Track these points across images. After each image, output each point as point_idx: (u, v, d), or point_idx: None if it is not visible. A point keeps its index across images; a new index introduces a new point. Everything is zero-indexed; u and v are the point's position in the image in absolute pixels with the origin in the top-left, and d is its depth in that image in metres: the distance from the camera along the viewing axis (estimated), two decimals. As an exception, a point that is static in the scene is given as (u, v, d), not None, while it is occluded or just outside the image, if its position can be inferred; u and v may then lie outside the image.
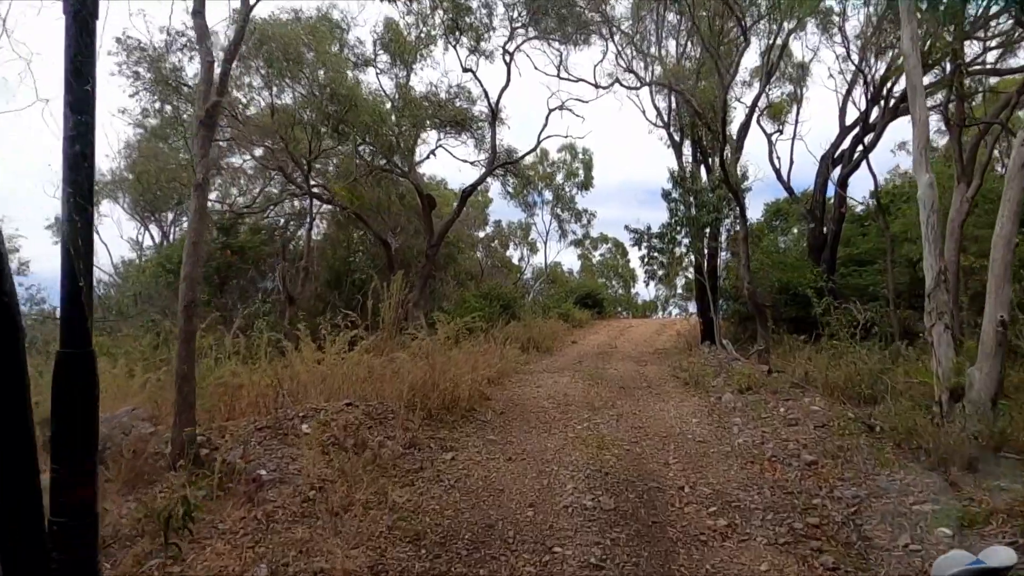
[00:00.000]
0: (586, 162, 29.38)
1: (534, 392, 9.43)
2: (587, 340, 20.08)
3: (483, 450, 6.38)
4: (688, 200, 13.93)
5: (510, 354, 12.33)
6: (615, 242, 42.36)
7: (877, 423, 6.38)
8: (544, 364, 14.02)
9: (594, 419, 7.78)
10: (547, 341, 17.74)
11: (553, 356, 16.00)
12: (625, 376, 11.43)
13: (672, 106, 16.13)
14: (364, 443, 6.01)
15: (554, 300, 25.26)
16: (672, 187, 14.58)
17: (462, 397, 7.40)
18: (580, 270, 41.12)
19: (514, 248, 35.03)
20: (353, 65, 13.20)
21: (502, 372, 10.26)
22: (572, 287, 28.10)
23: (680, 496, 5.26)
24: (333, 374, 7.28)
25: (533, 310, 23.03)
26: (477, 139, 16.83)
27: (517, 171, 17.93)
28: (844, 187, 14.40)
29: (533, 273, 35.13)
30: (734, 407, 8.19)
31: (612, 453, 6.35)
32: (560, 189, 30.03)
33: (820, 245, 14.57)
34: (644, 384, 10.63)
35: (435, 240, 14.78)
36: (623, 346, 18.01)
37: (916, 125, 7.06)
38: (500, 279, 28.61)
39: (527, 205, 30.30)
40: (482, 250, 32.80)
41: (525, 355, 15.46)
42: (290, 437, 5.95)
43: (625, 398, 9.26)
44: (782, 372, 9.97)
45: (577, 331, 22.42)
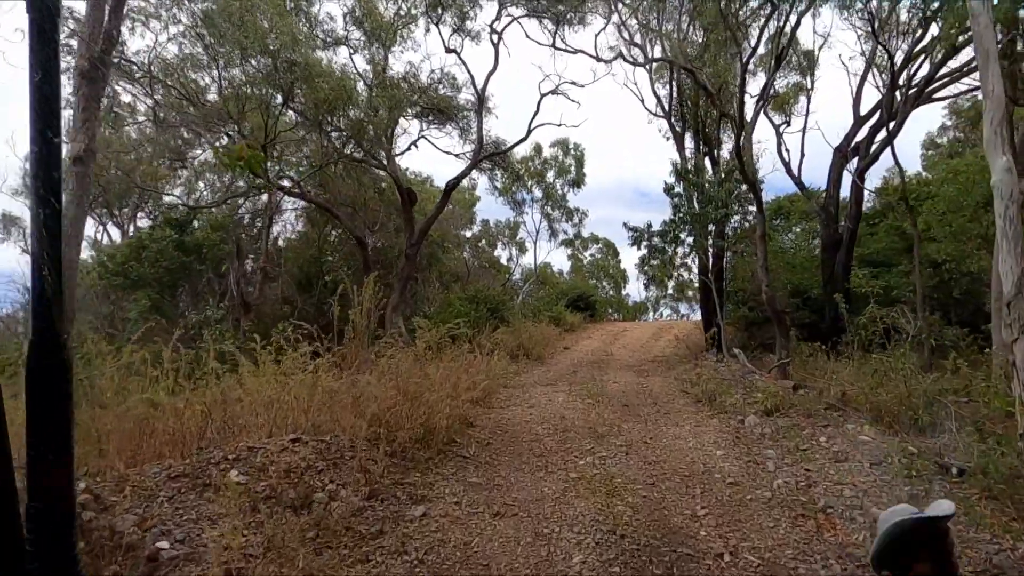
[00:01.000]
0: (578, 158, 28.14)
1: (526, 414, 8.12)
2: (580, 346, 18.82)
3: (464, 499, 5.06)
4: (692, 195, 12.70)
5: (498, 366, 11.03)
6: (606, 242, 41.30)
7: (953, 464, 5.14)
8: (536, 375, 12.72)
9: (599, 451, 6.49)
10: (538, 348, 16.47)
11: (545, 365, 14.71)
12: (628, 391, 10.15)
13: (674, 93, 14.91)
14: (309, 496, 4.68)
15: (544, 303, 23.97)
16: (675, 181, 13.36)
17: (439, 427, 6.06)
18: (570, 271, 39.94)
19: (502, 248, 33.77)
20: (323, 44, 11.83)
21: (488, 390, 8.93)
22: (563, 289, 26.83)
23: (720, 570, 3.99)
24: (281, 400, 5.93)
25: (523, 313, 21.76)
26: (463, 129, 15.53)
27: (506, 165, 16.65)
28: (861, 182, 13.24)
29: (522, 274, 33.87)
30: (762, 433, 6.93)
31: (626, 502, 5.06)
32: (550, 187, 28.76)
33: (835, 244, 13.40)
34: (650, 401, 9.36)
35: (416, 238, 13.46)
36: (619, 353, 16.76)
37: (989, 98, 5.85)
38: (487, 280, 27.30)
39: (516, 203, 29.02)
40: (469, 250, 31.54)
41: (515, 365, 14.19)
42: (214, 488, 4.61)
43: (632, 421, 7.98)
44: (809, 388, 8.76)
45: (569, 336, 21.14)
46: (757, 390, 8.79)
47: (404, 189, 13.61)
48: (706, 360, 12.80)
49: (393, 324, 13.21)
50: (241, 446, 5.13)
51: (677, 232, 13.11)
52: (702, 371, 11.51)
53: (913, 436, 6.07)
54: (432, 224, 14.11)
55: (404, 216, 13.66)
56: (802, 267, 14.99)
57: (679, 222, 12.78)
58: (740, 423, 7.50)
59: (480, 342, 13.81)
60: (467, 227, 31.59)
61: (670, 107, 15.18)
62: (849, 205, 13.47)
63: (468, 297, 18.34)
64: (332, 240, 17.38)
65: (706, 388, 9.52)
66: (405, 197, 13.47)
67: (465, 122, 15.46)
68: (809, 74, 15.10)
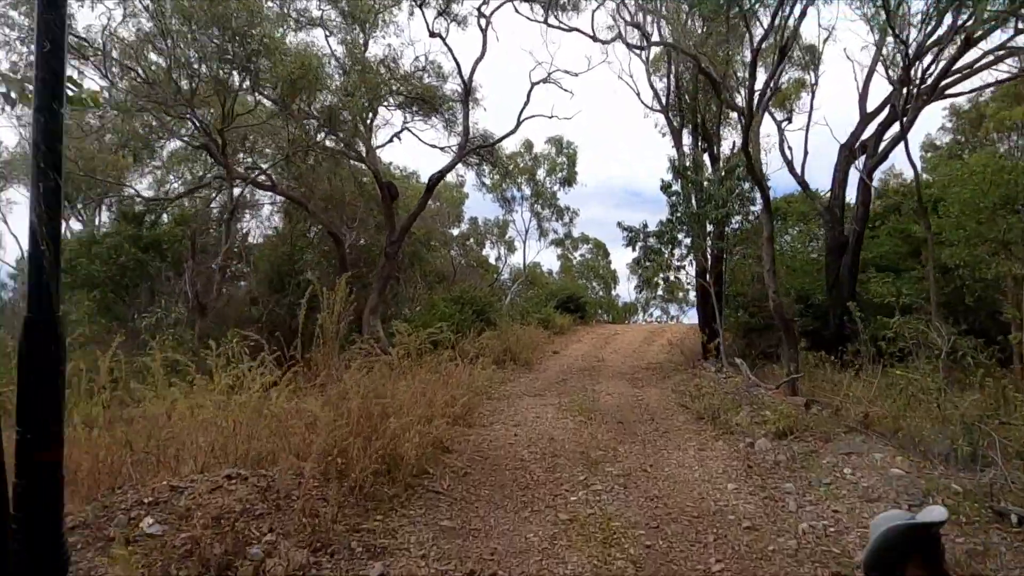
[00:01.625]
0: (570, 156, 27.27)
1: (511, 434, 7.26)
2: (570, 350, 18.02)
3: (432, 551, 4.20)
4: (691, 193, 11.91)
5: (482, 376, 10.18)
6: (596, 242, 40.56)
7: (1012, 510, 4.36)
8: (523, 384, 11.89)
9: (593, 483, 5.65)
10: (526, 353, 15.65)
11: (533, 372, 13.89)
12: (623, 405, 9.34)
13: (672, 86, 14.13)
14: (241, 551, 3.81)
15: (533, 304, 23.14)
16: (672, 179, 12.57)
17: (408, 456, 5.19)
18: (560, 271, 39.15)
19: (491, 247, 32.88)
20: (296, 25, 10.88)
21: (470, 406, 8.07)
22: (552, 290, 26.00)
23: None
24: (220, 424, 5.05)
25: (510, 315, 20.94)
26: (448, 121, 14.65)
27: (494, 159, 15.80)
28: (869, 181, 12.51)
29: (511, 274, 33.03)
30: (776, 461, 6.13)
31: (626, 554, 4.23)
32: (541, 185, 27.89)
33: (840, 247, 12.65)
34: (647, 417, 8.55)
35: (396, 236, 12.57)
36: (611, 359, 15.97)
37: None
38: (475, 280, 26.41)
39: (505, 201, 28.14)
40: (457, 248, 30.67)
41: (501, 371, 13.36)
42: (120, 542, 3.72)
43: (628, 442, 7.15)
44: (821, 405, 7.99)
45: (558, 339, 20.33)
46: (764, 407, 8.00)
47: (385, 183, 12.72)
48: (705, 369, 12.02)
49: (371, 327, 12.33)
50: (163, 485, 4.25)
51: (674, 233, 12.32)
52: (701, 382, 10.73)
53: (953, 470, 5.29)
54: (414, 221, 13.22)
55: (384, 212, 12.78)
56: (803, 271, 14.25)
57: (676, 222, 11.99)
58: (750, 447, 6.70)
59: (464, 348, 12.99)
60: (455, 225, 30.72)
61: (667, 101, 14.39)
62: (855, 206, 12.73)
63: (453, 298, 17.47)
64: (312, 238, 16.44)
65: (708, 403, 8.72)
66: (385, 192, 12.59)
67: (451, 113, 14.59)
68: (813, 68, 14.36)
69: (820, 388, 9.16)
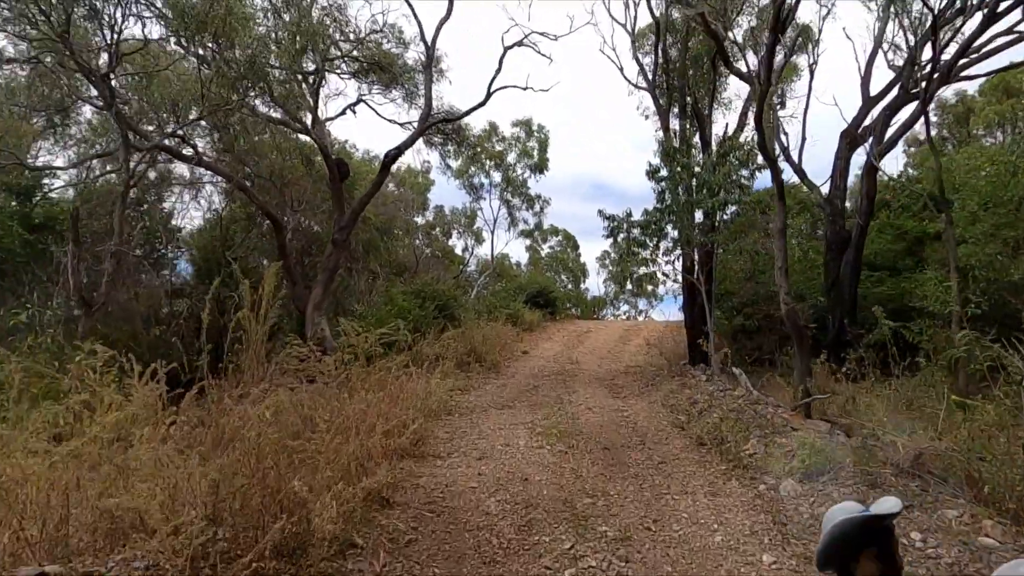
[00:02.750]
0: (541, 141, 25.77)
1: (472, 474, 5.72)
2: (540, 349, 16.61)
3: None
4: (682, 180, 10.53)
5: (440, 388, 8.65)
6: (565, 234, 39.32)
7: None
8: (489, 392, 10.40)
9: (581, 551, 4.19)
10: (493, 353, 14.16)
11: (500, 376, 12.40)
12: (606, 424, 7.90)
13: (659, 61, 12.71)
14: None
15: (501, 298, 21.61)
16: (660, 163, 11.17)
17: (320, 533, 3.62)
18: (528, 263, 37.73)
19: (458, 237, 31.18)
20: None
21: (421, 434, 6.50)
22: (522, 283, 24.49)
23: None
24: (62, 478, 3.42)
25: (476, 311, 19.41)
26: (409, 94, 12.98)
27: (460, 138, 14.20)
28: (875, 170, 11.33)
29: (478, 265, 31.45)
30: (814, 515, 4.76)
31: None
32: (511, 171, 26.31)
33: (842, 244, 11.47)
34: (637, 441, 7.14)
35: (346, 221, 10.90)
36: (586, 361, 14.60)
37: None
38: (439, 272, 24.76)
39: (473, 188, 26.51)
40: (422, 238, 28.99)
41: (465, 376, 11.86)
42: None
43: (619, 479, 5.72)
44: (844, 429, 6.70)
45: (528, 337, 18.88)
46: (777, 431, 6.67)
47: (333, 160, 11.03)
48: (693, 377, 10.70)
49: (315, 326, 10.66)
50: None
51: (661, 224, 10.93)
52: (694, 394, 9.39)
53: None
54: (367, 204, 11.54)
55: (333, 193, 11.08)
56: (796, 269, 13.05)
57: (666, 211, 10.60)
58: (773, 491, 5.33)
59: (423, 349, 11.43)
60: (419, 213, 29.00)
61: (654, 77, 12.98)
62: (859, 198, 11.56)
63: (413, 292, 15.85)
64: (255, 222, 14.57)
65: (708, 425, 7.37)
66: (334, 170, 10.89)
67: (412, 85, 12.93)
68: (812, 46, 13.11)
69: (829, 402, 7.90)
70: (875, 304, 12.10)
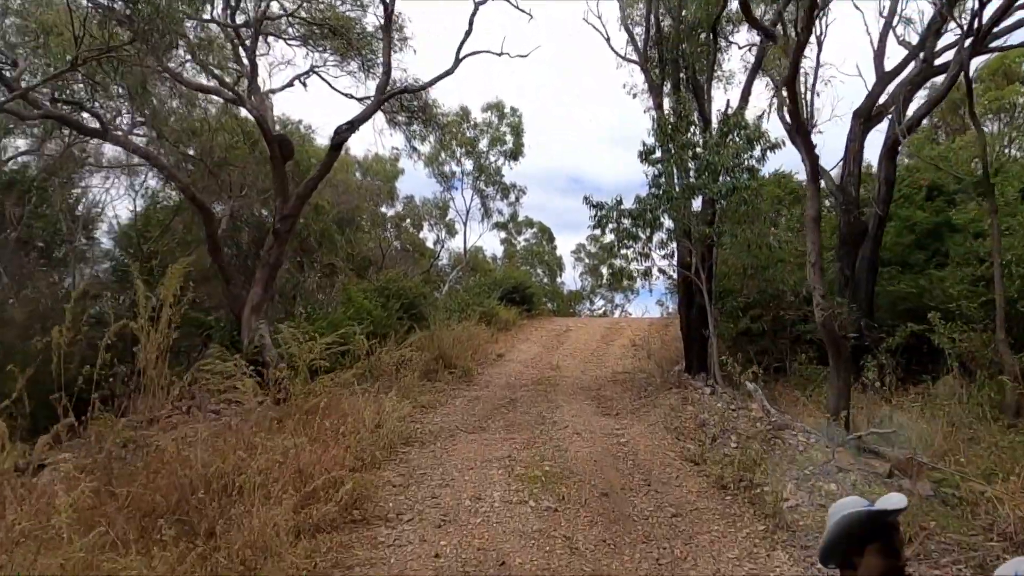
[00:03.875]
0: (515, 126, 24.18)
1: (428, 556, 4.13)
2: (517, 352, 15.15)
3: None
4: (682, 161, 9.10)
5: (397, 411, 7.11)
6: (541, 227, 37.86)
7: None
8: (458, 410, 8.90)
9: None
10: (464, 357, 12.67)
11: (472, 386, 10.91)
12: (601, 455, 6.43)
13: (651, 32, 11.24)
14: None
15: (474, 294, 20.04)
16: (656, 143, 9.71)
17: None
18: (503, 256, 36.23)
19: (429, 229, 29.44)
20: None
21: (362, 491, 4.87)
22: (497, 278, 22.91)
23: None
24: None
25: (447, 308, 17.82)
26: (367, 63, 11.32)
27: (427, 116, 12.57)
28: (895, 153, 10.06)
29: (450, 259, 29.82)
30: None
31: None
32: (483, 158, 24.68)
33: (857, 236, 10.19)
34: (642, 483, 5.68)
35: (290, 208, 9.24)
36: (568, 366, 13.16)
37: None
38: (407, 266, 23.09)
39: (443, 176, 24.86)
40: (391, 230, 27.28)
41: (430, 387, 10.35)
42: None
43: (628, 549, 4.25)
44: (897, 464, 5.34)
45: (503, 337, 17.39)
46: (819, 471, 5.28)
47: (274, 137, 9.34)
48: (695, 389, 9.31)
49: (252, 333, 9.00)
50: None
51: (657, 212, 9.48)
52: (699, 412, 8.00)
53: None
54: (314, 189, 9.85)
55: (274, 176, 9.40)
56: (801, 264, 11.72)
57: (664, 197, 9.14)
58: (839, 570, 3.90)
59: (382, 357, 9.85)
60: (388, 203, 27.26)
61: (645, 49, 11.51)
62: (877, 185, 10.27)
63: (376, 289, 14.24)
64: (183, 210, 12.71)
65: (726, 458, 5.95)
66: (275, 148, 9.22)
67: (371, 52, 11.26)
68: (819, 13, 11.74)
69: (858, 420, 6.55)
70: (890, 304, 10.94)
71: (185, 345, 9.61)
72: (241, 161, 11.07)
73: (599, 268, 42.58)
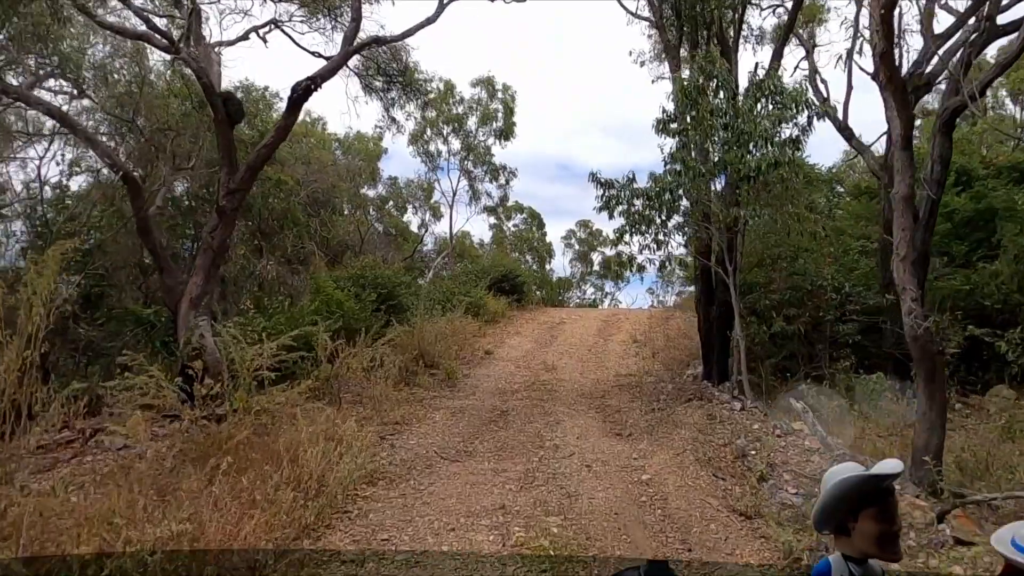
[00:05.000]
0: (507, 103, 22.47)
1: None
2: (507, 348, 13.70)
3: None
4: (713, 130, 7.58)
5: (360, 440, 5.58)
6: (531, 212, 36.34)
7: None
8: (438, 427, 7.43)
9: None
10: (448, 355, 11.21)
11: (456, 393, 9.46)
12: (622, 508, 4.94)
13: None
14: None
15: (461, 283, 18.47)
16: (677, 110, 8.17)
17: None
18: (492, 241, 34.69)
19: (413, 212, 27.72)
20: None
21: None
22: (485, 266, 21.32)
23: None
24: None
25: (431, 298, 16.27)
26: (334, 11, 9.64)
27: (407, 80, 10.90)
28: (951, 127, 8.63)
29: (436, 244, 28.19)
30: None
31: None
32: (471, 137, 22.96)
33: (905, 223, 8.74)
34: (680, 544, 4.23)
35: (238, 181, 7.62)
36: (564, 365, 11.72)
37: None
38: (388, 252, 21.47)
39: (429, 156, 23.16)
40: (374, 212, 25.63)
41: (408, 392, 8.88)
42: None
43: None
44: None
45: (492, 330, 15.90)
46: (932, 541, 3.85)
47: (219, 94, 7.70)
48: (720, 403, 7.88)
49: (190, 332, 7.39)
50: None
51: (677, 192, 7.96)
52: (731, 434, 6.56)
53: None
54: (268, 158, 8.19)
55: (220, 143, 7.76)
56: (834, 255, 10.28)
57: (686, 174, 7.61)
58: None
59: (349, 361, 8.29)
60: (370, 184, 25.54)
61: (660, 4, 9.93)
62: (929, 163, 8.81)
63: (351, 277, 12.66)
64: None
65: (789, 514, 4.51)
66: (220, 109, 7.58)
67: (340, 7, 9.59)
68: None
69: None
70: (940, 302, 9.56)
71: (110, 346, 8.03)
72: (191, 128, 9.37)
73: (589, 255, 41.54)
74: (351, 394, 8.54)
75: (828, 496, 1.69)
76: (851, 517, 1.64)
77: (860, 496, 1.64)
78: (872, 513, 1.62)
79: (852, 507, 1.64)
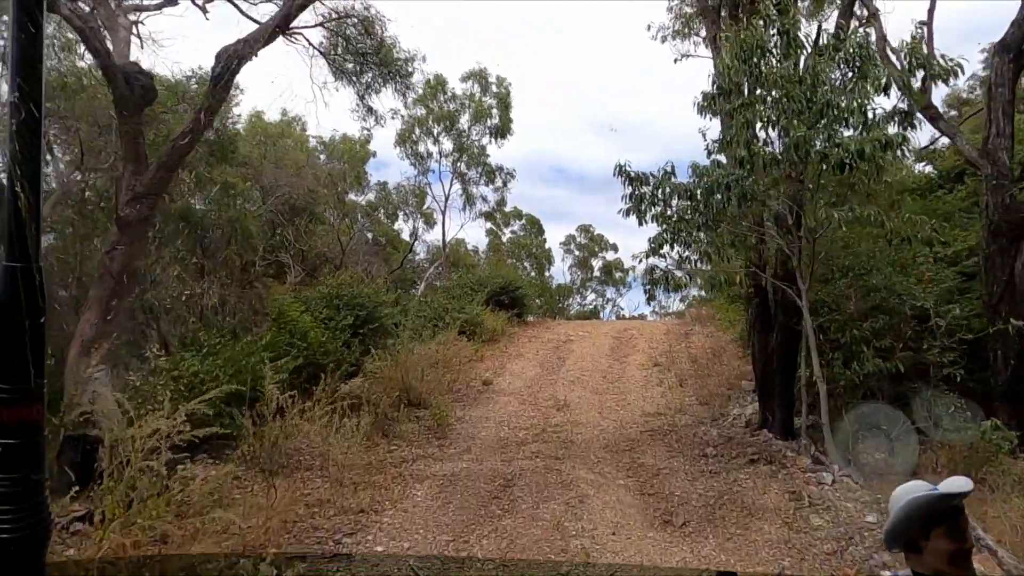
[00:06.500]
0: (502, 97, 20.47)
1: None
2: (508, 376, 11.74)
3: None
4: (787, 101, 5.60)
5: None
6: (530, 218, 34.55)
7: None
8: (418, 514, 5.46)
9: None
10: (437, 390, 9.29)
11: (446, 446, 7.52)
12: None
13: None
14: None
15: (455, 297, 16.46)
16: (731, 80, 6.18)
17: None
18: (487, 248, 32.77)
19: (404, 219, 25.72)
20: None
21: None
22: (481, 277, 19.29)
23: None
24: None
25: (420, 316, 14.30)
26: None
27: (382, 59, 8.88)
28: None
29: (428, 252, 26.20)
30: None
31: None
32: (464, 136, 20.95)
33: (1017, 224, 6.82)
34: None
35: (148, 182, 5.61)
36: (579, 402, 9.76)
37: None
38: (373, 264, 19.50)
39: (418, 157, 21.21)
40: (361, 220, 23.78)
41: (383, 447, 6.95)
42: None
43: None
44: None
45: (490, 351, 13.91)
46: None
47: (120, 68, 5.73)
48: (798, 468, 5.87)
49: (82, 387, 5.37)
50: None
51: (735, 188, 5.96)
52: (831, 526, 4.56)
53: None
54: (188, 152, 6.14)
55: (121, 132, 5.77)
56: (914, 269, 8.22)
57: (754, 163, 5.63)
58: None
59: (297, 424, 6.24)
60: (356, 190, 23.69)
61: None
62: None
63: (323, 297, 10.66)
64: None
65: None
66: (119, 84, 5.61)
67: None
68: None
69: None
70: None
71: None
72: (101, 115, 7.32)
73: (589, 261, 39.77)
74: (308, 457, 6.55)
75: (899, 515, 1.68)
76: (922, 535, 1.63)
77: (931, 515, 1.62)
78: (943, 531, 1.60)
79: (923, 525, 1.62)
